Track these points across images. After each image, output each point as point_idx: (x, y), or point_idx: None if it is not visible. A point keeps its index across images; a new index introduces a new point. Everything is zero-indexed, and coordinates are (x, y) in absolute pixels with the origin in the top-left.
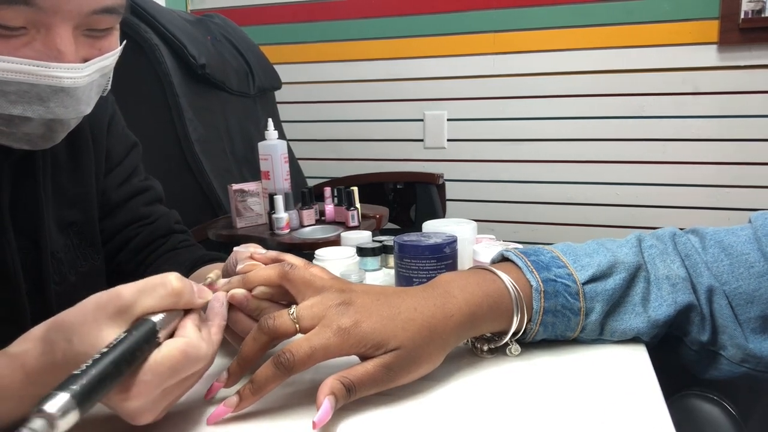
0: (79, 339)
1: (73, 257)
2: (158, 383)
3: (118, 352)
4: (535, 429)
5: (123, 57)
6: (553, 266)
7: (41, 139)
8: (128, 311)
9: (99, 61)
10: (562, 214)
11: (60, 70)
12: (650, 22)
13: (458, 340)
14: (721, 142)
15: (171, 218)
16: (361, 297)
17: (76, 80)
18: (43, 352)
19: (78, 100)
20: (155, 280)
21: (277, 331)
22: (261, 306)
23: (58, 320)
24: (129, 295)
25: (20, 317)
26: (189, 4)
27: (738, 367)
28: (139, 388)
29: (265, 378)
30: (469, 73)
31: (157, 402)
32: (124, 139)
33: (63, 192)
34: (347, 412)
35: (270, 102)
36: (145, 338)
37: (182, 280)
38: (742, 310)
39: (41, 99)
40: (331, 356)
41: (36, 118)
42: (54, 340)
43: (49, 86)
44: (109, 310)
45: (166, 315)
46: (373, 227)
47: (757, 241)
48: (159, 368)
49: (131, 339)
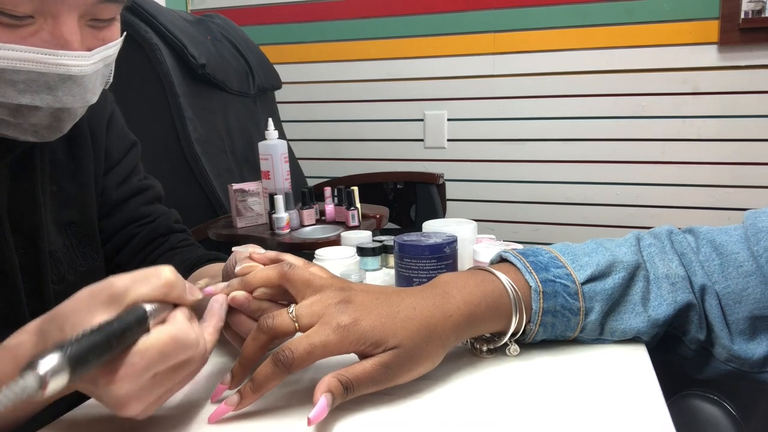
0: (71, 326)
1: (72, 257)
2: (146, 366)
3: (109, 329)
4: (535, 429)
5: (123, 57)
6: (552, 267)
7: (47, 130)
8: (121, 298)
9: (103, 50)
10: (562, 214)
11: (68, 58)
12: (650, 22)
13: (457, 340)
14: (720, 142)
15: (171, 217)
16: (361, 295)
17: (83, 68)
18: (35, 343)
19: (85, 89)
20: (148, 271)
21: (276, 330)
22: (262, 307)
23: (53, 312)
24: (122, 283)
25: (19, 317)
26: (189, 4)
27: (724, 366)
28: (126, 370)
29: (265, 376)
30: (469, 73)
31: (145, 389)
32: (123, 138)
33: (62, 191)
34: (346, 412)
35: (270, 102)
36: (136, 321)
37: (175, 273)
38: (730, 310)
39: (49, 88)
40: (330, 354)
41: (44, 107)
42: (47, 330)
43: (57, 74)
44: (101, 297)
45: (157, 305)
46: (373, 227)
47: (746, 240)
48: (148, 352)
49: (121, 321)
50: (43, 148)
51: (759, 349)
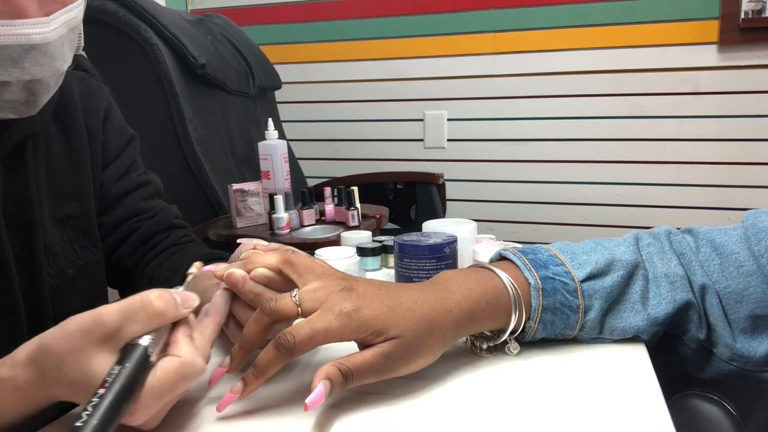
0: (69, 368)
1: (71, 250)
2: (158, 404)
3: (116, 393)
4: (535, 429)
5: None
6: (551, 264)
7: (25, 106)
8: (115, 338)
9: (63, 13)
10: (562, 213)
11: (27, 27)
12: (650, 22)
13: (457, 336)
14: (720, 142)
15: (171, 213)
16: (363, 285)
17: (45, 35)
18: (33, 377)
19: (52, 57)
20: (137, 303)
21: (278, 313)
22: (255, 290)
23: (44, 345)
24: (113, 322)
25: (14, 310)
26: (189, 4)
27: (726, 365)
28: (141, 411)
29: (267, 361)
30: (469, 73)
31: (160, 413)
32: (121, 132)
33: (59, 184)
34: (346, 412)
35: (270, 102)
36: (140, 367)
37: (162, 297)
38: (731, 309)
39: (14, 60)
40: (331, 340)
41: (13, 82)
42: (44, 367)
43: (19, 45)
44: (95, 337)
45: (155, 334)
46: (373, 227)
47: (746, 240)
48: (158, 392)
49: (125, 373)
50: (37, 142)
51: (761, 347)
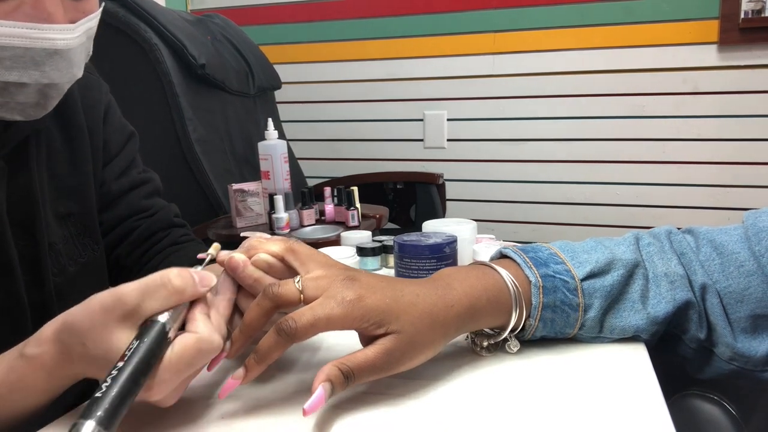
0: (92, 344)
1: (72, 248)
2: (176, 379)
3: (134, 365)
4: (535, 429)
5: (123, 57)
6: (552, 262)
7: (34, 108)
8: (135, 315)
9: (86, 21)
10: (562, 213)
11: (53, 32)
12: (650, 22)
13: (458, 331)
14: (720, 142)
15: (170, 211)
16: (366, 276)
17: (68, 41)
18: (59, 352)
19: (71, 63)
20: (156, 281)
21: (281, 298)
22: (255, 275)
23: (68, 322)
24: (133, 299)
25: (19, 309)
26: (189, 4)
27: (727, 365)
28: (159, 386)
29: (268, 346)
30: (469, 73)
31: (178, 390)
32: (121, 129)
33: (60, 182)
34: (346, 412)
35: (270, 102)
36: (157, 343)
37: (181, 275)
38: (732, 309)
39: (36, 63)
40: (332, 327)
41: (31, 84)
42: (68, 343)
43: (43, 49)
44: (116, 314)
45: (173, 311)
46: (373, 227)
47: (747, 240)
48: (176, 367)
49: (144, 347)
50: (39, 140)
51: (762, 347)
